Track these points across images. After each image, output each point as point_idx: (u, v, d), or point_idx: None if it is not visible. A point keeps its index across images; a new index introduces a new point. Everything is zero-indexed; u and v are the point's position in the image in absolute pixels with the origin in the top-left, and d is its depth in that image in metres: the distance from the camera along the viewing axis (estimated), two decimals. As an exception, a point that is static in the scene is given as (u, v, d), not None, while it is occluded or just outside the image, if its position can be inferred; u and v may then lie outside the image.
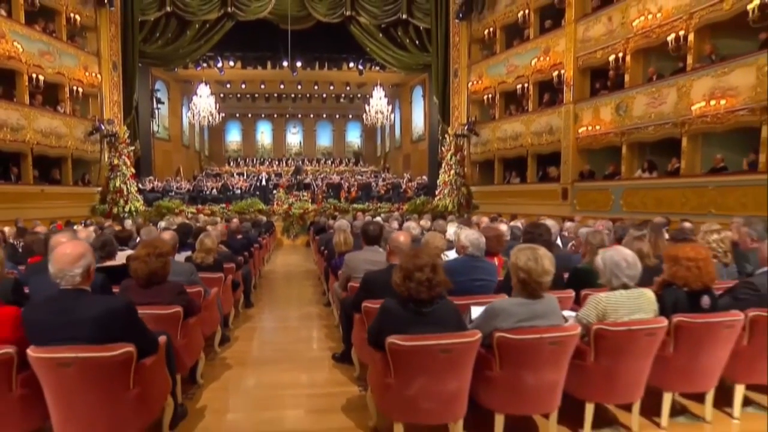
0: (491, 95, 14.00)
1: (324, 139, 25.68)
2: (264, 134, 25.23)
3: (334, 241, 5.34)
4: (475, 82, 14.44)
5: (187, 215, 12.08)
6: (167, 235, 4.63)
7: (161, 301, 3.04)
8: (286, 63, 16.11)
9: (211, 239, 4.68)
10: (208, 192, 15.97)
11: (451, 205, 14.02)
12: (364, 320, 3.24)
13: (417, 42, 15.38)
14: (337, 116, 25.24)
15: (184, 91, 20.23)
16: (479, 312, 2.68)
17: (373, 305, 2.96)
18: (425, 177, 16.97)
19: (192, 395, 3.41)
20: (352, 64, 17.37)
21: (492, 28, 13.78)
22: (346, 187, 16.29)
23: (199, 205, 14.14)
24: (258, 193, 15.81)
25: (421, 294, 2.44)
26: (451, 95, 15.08)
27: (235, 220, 8.57)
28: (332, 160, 23.54)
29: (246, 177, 18.65)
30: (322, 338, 4.86)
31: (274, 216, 13.72)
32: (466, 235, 3.59)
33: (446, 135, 14.57)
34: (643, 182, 9.66)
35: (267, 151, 24.82)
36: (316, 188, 16.11)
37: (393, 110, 18.77)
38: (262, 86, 20.69)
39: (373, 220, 6.79)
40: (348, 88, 21.27)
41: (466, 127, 14.43)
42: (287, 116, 24.76)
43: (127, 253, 4.00)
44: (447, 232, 5.42)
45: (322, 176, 18.69)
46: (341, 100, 23.52)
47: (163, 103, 17.87)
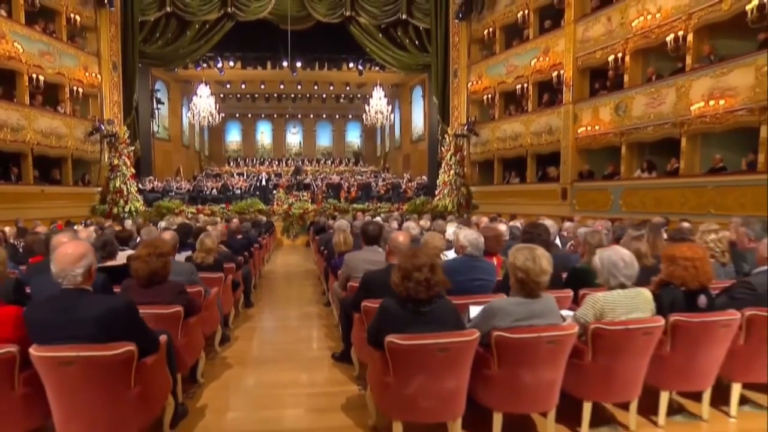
0: (491, 95, 14.01)
1: (324, 139, 25.67)
2: (264, 134, 25.23)
3: (333, 241, 5.34)
4: (475, 82, 14.45)
5: (187, 215, 12.08)
6: (167, 235, 4.64)
7: (162, 301, 3.06)
8: (286, 63, 16.11)
9: (211, 239, 4.70)
10: (208, 192, 15.97)
11: (450, 205, 14.02)
12: (363, 320, 3.25)
13: (417, 42, 15.39)
14: (336, 116, 25.23)
15: (184, 91, 20.23)
16: (478, 311, 2.69)
17: (373, 305, 2.97)
18: (425, 177, 16.97)
19: (192, 394, 3.43)
20: (351, 64, 17.37)
21: (492, 29, 13.80)
22: (345, 187, 16.29)
23: (199, 205, 14.15)
24: (258, 193, 15.81)
25: (419, 294, 2.46)
26: (450, 95, 15.09)
27: (235, 220, 8.59)
28: (332, 160, 23.53)
29: (246, 177, 18.63)
30: (321, 338, 4.88)
31: (274, 216, 13.73)
32: (465, 234, 3.60)
33: (446, 135, 14.58)
34: (642, 182, 9.68)
35: (267, 151, 24.81)
36: (315, 188, 16.11)
37: (393, 110, 18.75)
38: (262, 86, 20.69)
39: (372, 220, 6.81)
40: (348, 88, 21.28)
41: (466, 127, 14.44)
42: (287, 116, 24.75)
43: (127, 253, 4.02)
44: (446, 232, 5.44)
45: (321, 176, 18.68)
46: (341, 100, 23.51)
47: (163, 103, 17.88)
